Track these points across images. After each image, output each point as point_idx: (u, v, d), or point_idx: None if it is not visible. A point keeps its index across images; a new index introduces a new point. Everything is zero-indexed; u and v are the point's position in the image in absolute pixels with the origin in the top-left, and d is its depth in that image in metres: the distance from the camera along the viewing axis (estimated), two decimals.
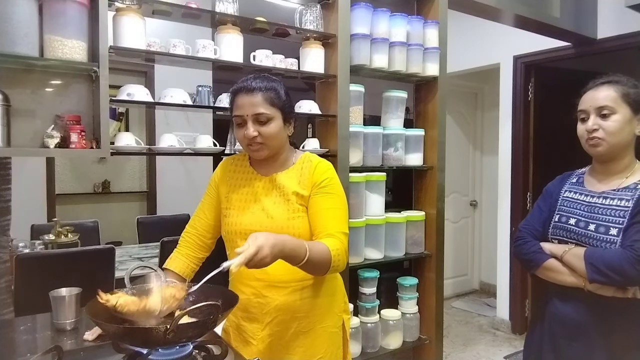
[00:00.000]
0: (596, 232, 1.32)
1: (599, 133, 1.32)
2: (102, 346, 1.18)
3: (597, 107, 1.33)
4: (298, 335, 1.37)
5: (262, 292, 1.35)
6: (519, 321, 3.79)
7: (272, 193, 1.39)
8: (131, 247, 3.25)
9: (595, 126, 1.33)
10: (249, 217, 1.37)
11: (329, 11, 2.12)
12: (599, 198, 1.37)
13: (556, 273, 1.37)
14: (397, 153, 2.38)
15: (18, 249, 2.35)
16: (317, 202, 1.36)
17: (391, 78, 2.44)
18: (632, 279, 1.23)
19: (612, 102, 1.31)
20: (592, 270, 1.26)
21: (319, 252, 1.24)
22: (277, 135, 1.34)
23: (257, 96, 1.31)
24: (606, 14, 3.22)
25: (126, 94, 1.72)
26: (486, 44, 3.92)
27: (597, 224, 1.33)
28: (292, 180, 1.39)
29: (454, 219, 4.77)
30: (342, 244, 1.31)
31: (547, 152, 3.72)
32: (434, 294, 2.48)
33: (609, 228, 1.31)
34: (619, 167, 1.37)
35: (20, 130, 1.48)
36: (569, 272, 1.34)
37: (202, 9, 1.81)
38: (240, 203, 1.40)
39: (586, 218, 1.36)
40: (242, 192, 1.42)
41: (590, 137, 1.34)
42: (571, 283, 1.34)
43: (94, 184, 4.35)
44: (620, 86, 1.33)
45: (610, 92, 1.33)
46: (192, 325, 0.95)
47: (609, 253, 1.27)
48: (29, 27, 1.42)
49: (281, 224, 1.34)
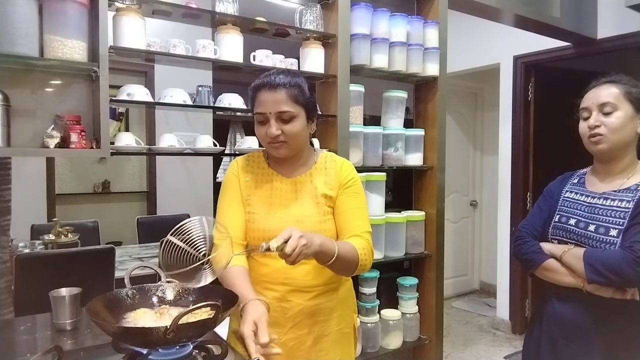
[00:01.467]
0: (596, 233, 1.32)
1: (600, 129, 1.32)
2: (102, 346, 1.18)
3: (599, 104, 1.33)
4: (320, 339, 1.34)
5: (287, 296, 1.31)
6: (519, 321, 3.79)
7: (299, 196, 1.33)
8: (131, 247, 3.25)
9: (597, 122, 1.32)
10: (276, 223, 1.29)
11: (329, 11, 2.12)
12: (600, 199, 1.37)
13: (555, 273, 1.37)
14: (397, 153, 2.38)
15: (18, 249, 2.35)
16: (343, 202, 1.34)
17: (391, 78, 2.44)
18: (631, 280, 1.23)
19: (615, 99, 1.31)
20: (591, 271, 1.26)
21: (347, 251, 1.22)
22: (300, 133, 1.28)
23: (281, 93, 1.24)
24: (606, 14, 3.22)
25: (126, 94, 1.72)
26: (486, 44, 3.92)
27: (597, 224, 1.33)
28: (319, 181, 1.35)
29: (454, 219, 4.77)
30: (368, 244, 1.30)
31: (547, 152, 3.72)
32: (434, 294, 2.47)
33: (608, 229, 1.30)
34: (620, 167, 1.36)
35: (20, 130, 1.48)
36: (568, 273, 1.33)
37: (202, 9, 1.81)
38: (265, 207, 1.32)
39: (586, 219, 1.36)
40: (266, 196, 1.34)
41: (592, 133, 1.34)
42: (570, 283, 1.33)
43: (94, 184, 4.35)
44: (623, 84, 1.33)
45: (612, 90, 1.33)
46: (192, 325, 0.95)
47: (608, 254, 1.26)
48: (29, 27, 1.42)
49: (312, 228, 1.28)
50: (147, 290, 1.16)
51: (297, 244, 1.04)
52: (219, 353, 1.07)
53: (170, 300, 1.16)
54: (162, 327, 0.91)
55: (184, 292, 1.18)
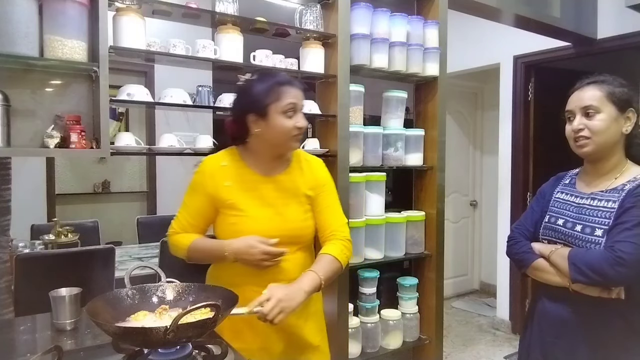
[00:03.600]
0: (582, 233, 1.34)
1: (584, 132, 1.34)
2: (102, 346, 1.18)
3: (582, 107, 1.34)
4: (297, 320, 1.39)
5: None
6: (519, 321, 3.79)
7: (283, 195, 1.38)
8: (131, 247, 3.25)
9: (581, 126, 1.34)
10: (266, 224, 1.34)
11: (329, 11, 2.12)
12: (588, 199, 1.39)
13: (544, 273, 1.39)
14: (397, 153, 2.38)
15: (18, 249, 2.35)
16: (320, 201, 1.42)
17: (391, 78, 2.44)
18: (612, 280, 1.24)
19: (597, 102, 1.32)
20: (574, 270, 1.28)
21: (330, 269, 1.32)
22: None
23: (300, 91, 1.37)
24: (606, 14, 3.22)
25: (126, 94, 1.72)
26: (486, 44, 3.92)
27: (583, 224, 1.35)
28: (298, 181, 1.39)
29: (454, 219, 4.77)
30: (346, 242, 1.40)
31: (547, 152, 3.71)
32: (434, 294, 2.47)
33: (594, 229, 1.32)
34: (608, 167, 1.37)
35: (20, 130, 1.48)
36: (555, 272, 1.35)
37: (202, 9, 1.81)
38: (254, 208, 1.35)
39: (574, 219, 1.38)
40: (252, 197, 1.37)
41: (576, 137, 1.35)
42: (557, 283, 1.35)
43: (94, 184, 4.35)
44: (606, 85, 1.34)
45: (595, 92, 1.34)
46: (192, 325, 0.95)
47: (591, 254, 1.28)
48: (29, 27, 1.42)
49: (297, 225, 1.36)
50: (147, 290, 1.17)
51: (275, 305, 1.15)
52: (218, 353, 1.07)
53: (170, 300, 1.16)
54: (162, 327, 0.91)
55: (184, 292, 1.18)
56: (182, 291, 1.18)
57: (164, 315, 1.08)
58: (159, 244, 2.55)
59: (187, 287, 1.19)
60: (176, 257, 1.44)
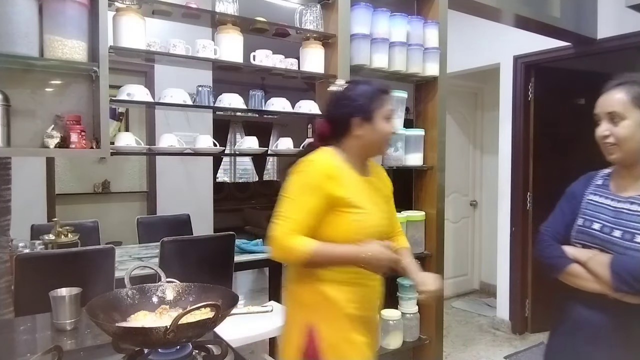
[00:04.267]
0: (621, 239, 1.26)
1: (610, 139, 1.28)
2: (102, 346, 1.18)
3: (607, 112, 1.29)
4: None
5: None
6: (519, 321, 3.79)
7: (378, 194, 1.49)
8: (131, 247, 3.24)
9: (607, 132, 1.29)
10: (381, 220, 1.47)
11: (329, 11, 2.12)
12: (626, 203, 1.31)
13: (580, 279, 1.31)
14: (397, 153, 2.38)
15: (18, 249, 2.34)
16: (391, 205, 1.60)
17: (391, 78, 2.44)
18: None
19: (621, 108, 1.26)
20: (617, 279, 1.22)
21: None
22: None
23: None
24: (606, 14, 3.22)
25: (126, 94, 1.72)
26: (486, 44, 3.92)
27: (622, 230, 1.27)
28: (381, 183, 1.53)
29: (454, 219, 4.76)
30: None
31: (547, 152, 3.71)
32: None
33: (634, 235, 1.25)
34: None
35: (20, 130, 1.48)
36: (594, 279, 1.28)
37: (202, 9, 1.81)
38: (368, 205, 1.43)
39: (611, 224, 1.30)
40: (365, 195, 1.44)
41: (604, 142, 1.30)
42: (594, 289, 1.28)
43: (94, 184, 4.35)
44: (635, 87, 1.27)
45: (621, 96, 1.27)
46: (192, 325, 0.95)
47: (634, 262, 1.22)
48: (29, 27, 1.42)
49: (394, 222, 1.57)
50: (147, 290, 1.17)
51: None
52: (218, 353, 1.07)
53: (170, 300, 1.16)
54: (162, 327, 0.91)
55: (184, 292, 1.18)
56: (182, 291, 1.18)
57: (164, 315, 1.08)
58: (159, 244, 2.54)
59: (187, 287, 1.19)
60: (176, 257, 1.44)
